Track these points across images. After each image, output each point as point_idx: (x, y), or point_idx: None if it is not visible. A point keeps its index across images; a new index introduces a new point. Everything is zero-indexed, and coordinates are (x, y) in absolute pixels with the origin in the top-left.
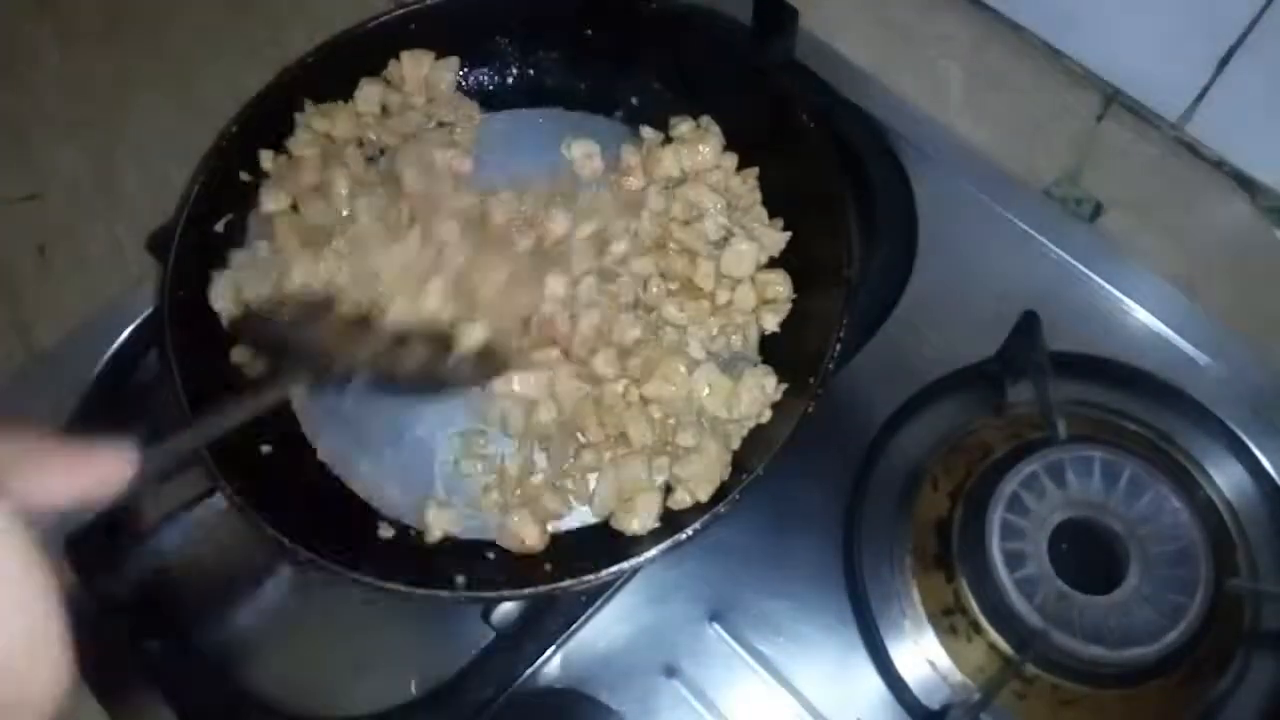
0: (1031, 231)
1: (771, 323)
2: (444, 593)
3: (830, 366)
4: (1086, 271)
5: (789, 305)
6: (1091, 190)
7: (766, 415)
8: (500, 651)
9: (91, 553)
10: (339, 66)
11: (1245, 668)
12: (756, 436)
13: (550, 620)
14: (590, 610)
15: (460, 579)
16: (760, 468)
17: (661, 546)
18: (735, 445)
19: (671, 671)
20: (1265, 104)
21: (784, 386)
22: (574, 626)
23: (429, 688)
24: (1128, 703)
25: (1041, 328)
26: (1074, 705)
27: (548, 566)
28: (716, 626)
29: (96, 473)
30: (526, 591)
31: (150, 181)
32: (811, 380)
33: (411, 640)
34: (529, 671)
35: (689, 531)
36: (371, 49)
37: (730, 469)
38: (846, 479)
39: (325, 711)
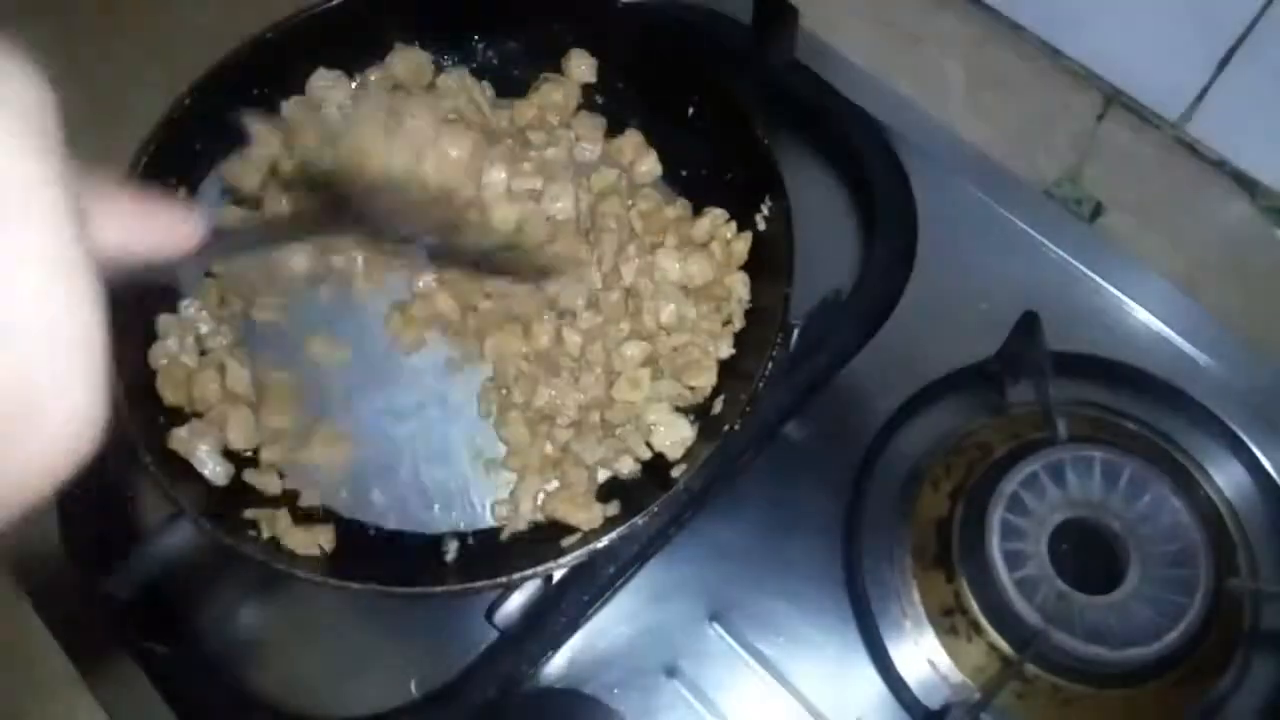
0: (1031, 231)
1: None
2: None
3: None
4: (1086, 271)
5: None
6: (1091, 190)
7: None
8: (503, 651)
9: (92, 554)
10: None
11: (1245, 668)
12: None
13: (553, 620)
14: (592, 610)
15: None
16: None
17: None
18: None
19: (671, 671)
20: (1265, 104)
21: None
22: (578, 626)
23: (429, 688)
24: (1128, 703)
25: (1041, 328)
26: (1074, 705)
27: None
28: (716, 626)
29: (164, 227)
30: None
31: None
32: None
33: (412, 640)
34: (532, 671)
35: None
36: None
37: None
38: (846, 479)
39: (325, 711)
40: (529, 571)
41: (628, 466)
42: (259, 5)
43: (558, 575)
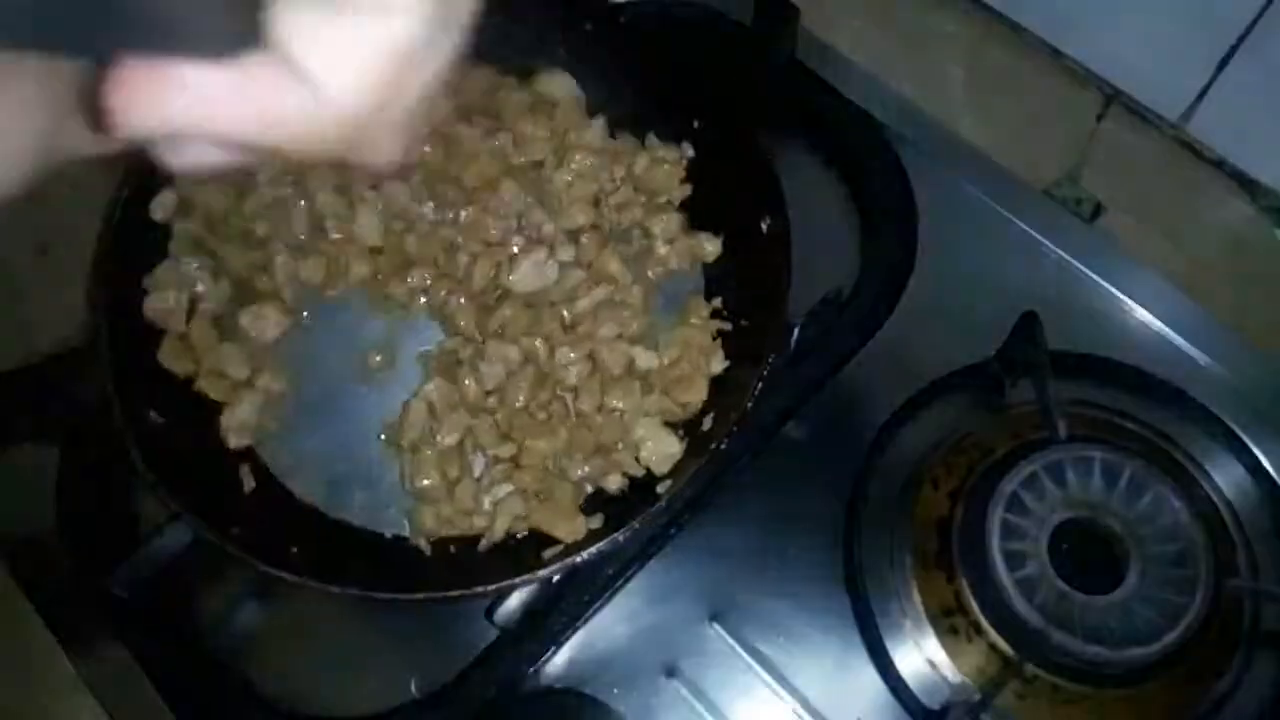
0: (1031, 231)
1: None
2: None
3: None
4: (1086, 271)
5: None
6: (1091, 190)
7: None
8: (503, 651)
9: (92, 554)
10: None
11: (1245, 668)
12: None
13: (554, 619)
14: (593, 609)
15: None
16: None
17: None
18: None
19: (671, 671)
20: (1265, 104)
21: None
22: (579, 625)
23: (429, 688)
24: (1128, 703)
25: (1041, 328)
26: (1074, 705)
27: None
28: (716, 626)
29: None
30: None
31: None
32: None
33: (411, 640)
34: (532, 671)
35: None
36: None
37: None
38: (846, 479)
39: (325, 711)
40: (505, 583)
41: (616, 482)
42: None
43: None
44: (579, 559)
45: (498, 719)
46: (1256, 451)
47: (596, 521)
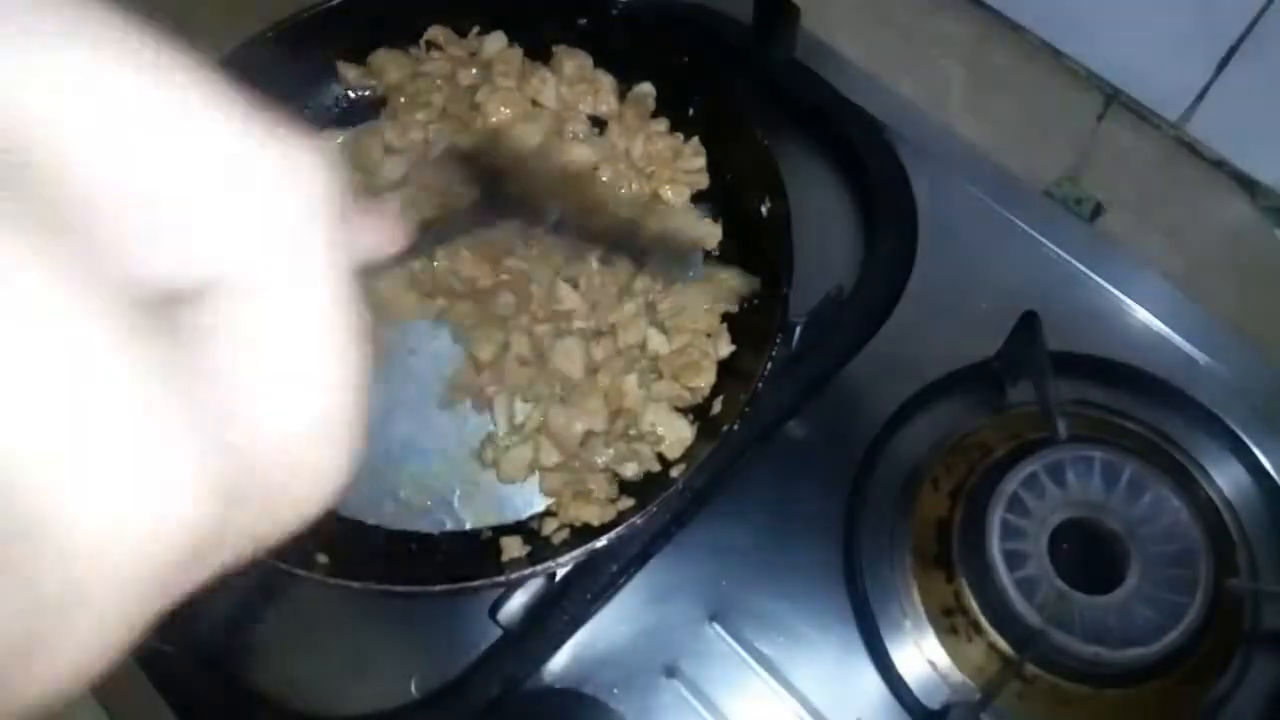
0: (1031, 231)
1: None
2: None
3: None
4: (1086, 271)
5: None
6: (1091, 190)
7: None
8: (504, 650)
9: None
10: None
11: (1245, 668)
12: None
13: (556, 618)
14: (595, 607)
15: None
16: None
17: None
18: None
19: (671, 671)
20: (1265, 104)
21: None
22: (580, 624)
23: (429, 687)
24: (1128, 703)
25: (1041, 328)
26: (1074, 705)
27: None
28: (716, 626)
29: (377, 231)
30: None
31: None
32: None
33: (412, 640)
34: (534, 671)
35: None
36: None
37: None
38: (846, 479)
39: (325, 711)
40: (527, 571)
41: (632, 469)
42: (258, 6)
43: (560, 573)
44: (597, 545)
45: (497, 719)
46: (1256, 451)
47: (625, 503)
